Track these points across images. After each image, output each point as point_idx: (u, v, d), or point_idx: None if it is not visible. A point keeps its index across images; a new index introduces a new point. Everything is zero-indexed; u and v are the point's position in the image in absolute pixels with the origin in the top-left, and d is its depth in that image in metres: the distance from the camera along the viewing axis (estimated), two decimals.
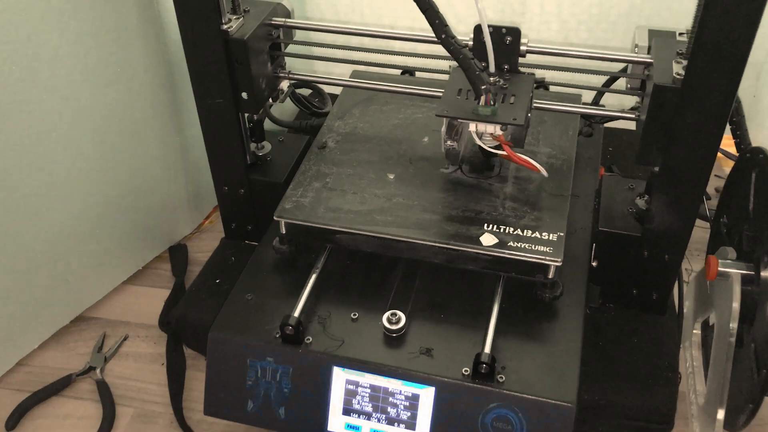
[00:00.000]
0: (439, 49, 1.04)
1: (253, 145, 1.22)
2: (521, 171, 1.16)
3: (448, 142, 1.09)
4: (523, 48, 1.02)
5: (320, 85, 1.61)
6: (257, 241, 1.21)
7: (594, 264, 1.13)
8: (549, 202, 1.10)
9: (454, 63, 1.11)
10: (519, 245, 1.03)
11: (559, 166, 1.16)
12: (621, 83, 1.24)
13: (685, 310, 1.22)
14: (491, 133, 1.05)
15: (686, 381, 1.15)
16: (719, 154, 1.06)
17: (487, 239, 1.04)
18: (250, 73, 1.05)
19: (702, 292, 1.13)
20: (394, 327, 0.96)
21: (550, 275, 1.04)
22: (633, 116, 1.10)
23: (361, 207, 1.10)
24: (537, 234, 1.04)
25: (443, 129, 1.08)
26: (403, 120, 1.28)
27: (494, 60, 1.05)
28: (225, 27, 1.02)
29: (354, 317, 1.00)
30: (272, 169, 1.22)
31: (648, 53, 1.05)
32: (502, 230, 1.05)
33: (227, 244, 1.24)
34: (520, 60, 1.08)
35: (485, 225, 1.06)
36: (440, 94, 1.21)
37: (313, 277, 1.09)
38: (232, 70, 1.06)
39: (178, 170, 1.33)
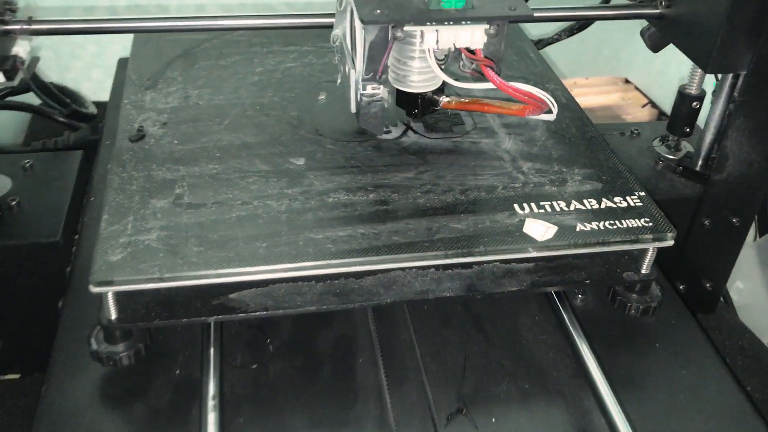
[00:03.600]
0: None
1: None
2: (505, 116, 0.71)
3: (370, 88, 0.61)
4: None
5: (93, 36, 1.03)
6: (22, 371, 0.75)
7: None
8: (583, 150, 0.67)
9: None
10: (594, 226, 0.58)
11: (556, 98, 0.74)
12: None
13: (735, 298, 0.88)
14: (466, 49, 0.60)
15: None
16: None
17: (537, 228, 0.57)
18: None
19: None
20: None
21: (645, 267, 0.61)
22: (649, 11, 0.73)
23: (273, 226, 0.56)
24: (608, 202, 0.61)
25: (356, 64, 0.60)
26: (267, 74, 0.77)
27: None
28: None
29: None
30: (30, 220, 0.73)
31: None
32: (548, 209, 0.59)
33: None
34: None
35: (515, 206, 0.59)
36: (302, 23, 0.74)
37: (211, 403, 0.53)
38: None
39: None
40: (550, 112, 0.61)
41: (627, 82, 1.44)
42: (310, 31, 0.83)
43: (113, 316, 0.54)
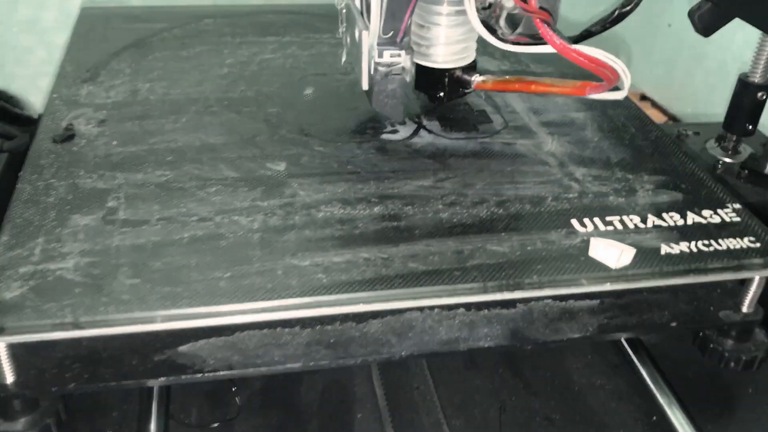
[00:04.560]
0: None
1: None
2: (546, 110, 0.57)
3: (388, 55, 0.46)
4: None
5: None
6: None
7: None
8: (649, 153, 0.52)
9: None
10: (684, 248, 0.43)
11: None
12: None
13: None
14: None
15: None
16: None
17: (608, 251, 0.42)
18: None
19: None
20: None
21: (748, 305, 0.45)
22: None
23: (241, 250, 0.41)
24: (695, 216, 0.45)
25: (370, 23, 0.45)
26: (239, 66, 0.62)
27: None
28: None
29: None
30: None
31: None
32: (618, 226, 0.44)
33: None
34: None
35: (573, 222, 0.44)
36: None
37: None
38: None
39: None
40: (617, 89, 0.46)
41: (644, 98, 1.31)
42: (293, 20, 0.69)
43: (8, 379, 0.38)
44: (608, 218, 0.45)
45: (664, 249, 0.43)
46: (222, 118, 0.54)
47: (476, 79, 0.50)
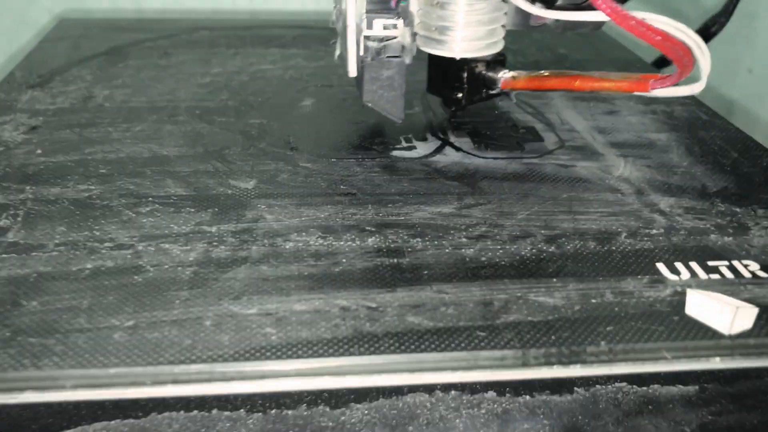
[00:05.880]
0: None
1: None
2: (616, 130, 0.43)
3: (380, 25, 0.36)
4: None
5: None
6: None
7: None
8: (762, 181, 0.38)
9: None
10: None
11: (691, 112, 0.46)
12: None
13: None
14: None
15: None
16: None
17: (714, 308, 0.27)
18: None
19: None
20: None
21: None
22: None
23: (159, 290, 0.27)
24: None
25: None
26: (226, 76, 0.50)
27: None
28: None
29: None
30: None
31: None
32: (727, 274, 0.29)
33: None
34: None
35: (661, 267, 0.29)
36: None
37: None
38: None
39: None
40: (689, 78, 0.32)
41: None
42: (304, 34, 0.58)
43: None
44: (711, 263, 0.31)
45: None
46: (186, 128, 0.42)
47: (503, 75, 0.37)
